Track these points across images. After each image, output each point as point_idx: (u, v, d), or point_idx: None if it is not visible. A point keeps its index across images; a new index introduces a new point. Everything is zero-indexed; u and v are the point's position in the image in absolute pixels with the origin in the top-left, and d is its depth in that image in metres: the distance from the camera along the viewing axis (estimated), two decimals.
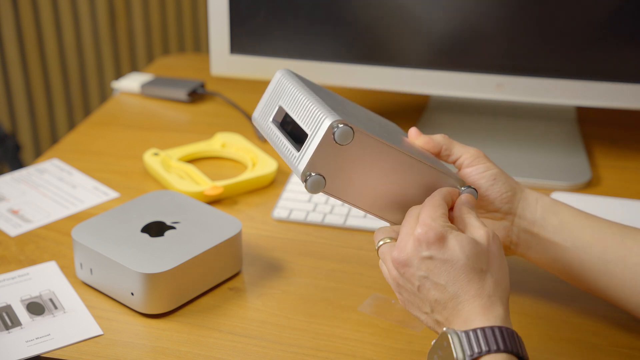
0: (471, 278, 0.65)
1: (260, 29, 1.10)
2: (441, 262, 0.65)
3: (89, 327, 0.80)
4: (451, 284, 0.65)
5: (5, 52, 1.94)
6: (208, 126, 1.20)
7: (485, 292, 0.65)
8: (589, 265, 0.76)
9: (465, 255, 0.65)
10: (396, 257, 0.68)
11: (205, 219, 0.87)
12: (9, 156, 1.83)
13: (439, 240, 0.66)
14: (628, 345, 0.78)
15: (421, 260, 0.66)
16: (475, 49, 1.07)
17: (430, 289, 0.66)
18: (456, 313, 0.65)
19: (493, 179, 0.77)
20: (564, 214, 0.77)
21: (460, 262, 0.65)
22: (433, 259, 0.66)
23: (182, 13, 2.11)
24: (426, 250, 0.66)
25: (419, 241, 0.66)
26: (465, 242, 0.66)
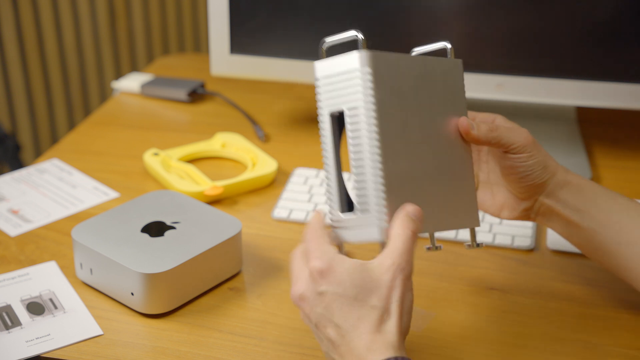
0: (360, 313, 0.62)
1: (260, 29, 1.10)
2: (334, 297, 0.63)
3: (89, 327, 0.80)
4: (342, 321, 0.63)
5: (5, 52, 1.94)
6: (208, 126, 1.20)
7: (374, 327, 0.62)
8: (602, 245, 0.78)
9: (354, 287, 0.63)
10: (294, 292, 0.66)
11: (205, 219, 0.87)
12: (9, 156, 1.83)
13: (330, 271, 0.63)
14: (628, 345, 0.78)
15: (316, 295, 0.64)
16: (475, 49, 1.07)
17: (326, 326, 0.64)
18: (349, 350, 0.63)
19: (530, 170, 0.78)
20: (587, 196, 0.78)
21: (350, 296, 0.63)
22: (326, 294, 0.63)
23: (182, 13, 2.11)
24: (320, 284, 0.64)
25: (313, 274, 0.64)
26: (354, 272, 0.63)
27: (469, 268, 0.89)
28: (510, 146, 0.77)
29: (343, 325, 0.63)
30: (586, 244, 0.80)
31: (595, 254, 0.80)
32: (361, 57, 0.67)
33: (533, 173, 0.78)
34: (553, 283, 0.86)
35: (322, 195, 1.01)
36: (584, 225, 0.78)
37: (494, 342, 0.78)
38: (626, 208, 0.78)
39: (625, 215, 0.77)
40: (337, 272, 0.63)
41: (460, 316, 0.82)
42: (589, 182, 0.80)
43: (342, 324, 0.63)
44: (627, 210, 0.78)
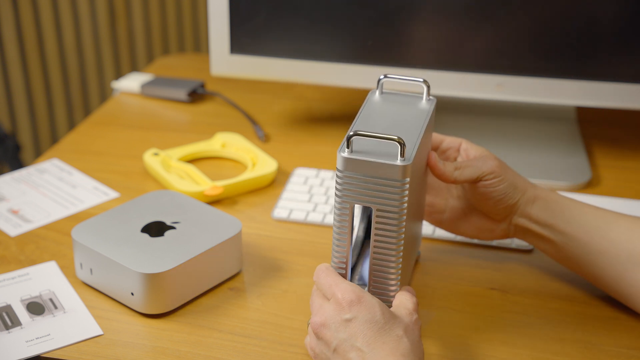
0: (386, 340, 0.66)
1: (260, 29, 1.10)
2: (361, 322, 0.67)
3: (89, 327, 0.80)
4: (367, 345, 0.66)
5: (5, 52, 1.94)
6: (208, 126, 1.20)
7: (399, 352, 0.65)
8: (574, 256, 0.81)
9: (383, 316, 0.67)
10: (315, 320, 0.69)
11: (205, 219, 0.87)
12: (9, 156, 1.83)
13: (360, 300, 0.67)
14: (628, 345, 0.78)
15: (341, 322, 0.67)
16: (475, 49, 1.07)
17: (347, 350, 0.67)
18: None
19: (503, 194, 0.80)
20: (555, 210, 0.81)
21: (379, 323, 0.67)
22: (354, 320, 0.67)
23: (182, 13, 2.11)
24: (347, 312, 0.67)
25: (340, 304, 0.68)
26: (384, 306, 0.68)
27: (469, 268, 0.89)
28: (478, 177, 0.79)
29: (366, 349, 0.66)
30: (561, 256, 0.82)
31: (571, 265, 0.83)
32: (404, 169, 0.68)
33: (506, 195, 0.80)
34: (553, 283, 0.86)
35: (322, 195, 1.01)
36: (555, 239, 0.81)
37: (494, 342, 0.78)
38: (593, 217, 0.80)
39: (592, 224, 0.80)
40: (367, 301, 0.68)
41: (460, 316, 0.82)
42: (556, 195, 0.82)
43: (365, 347, 0.66)
44: (594, 219, 0.80)
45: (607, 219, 0.80)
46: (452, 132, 1.13)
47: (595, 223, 0.80)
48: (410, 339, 0.67)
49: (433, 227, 0.93)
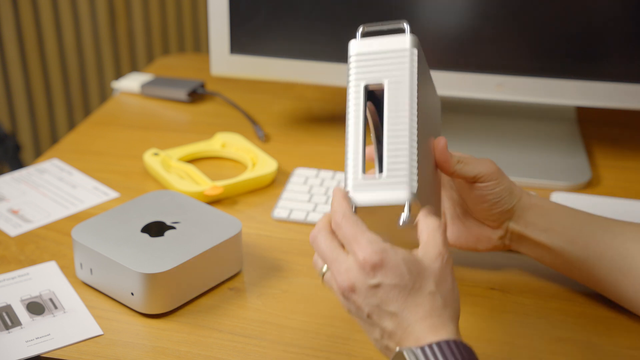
0: (419, 301, 0.63)
1: (260, 29, 1.10)
2: (390, 288, 0.63)
3: (89, 327, 0.80)
4: (401, 310, 0.63)
5: (5, 52, 1.94)
6: (208, 126, 1.20)
7: (435, 312, 0.63)
8: (572, 261, 0.81)
9: (411, 276, 0.63)
10: (341, 284, 0.65)
11: (205, 219, 0.87)
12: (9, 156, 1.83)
13: (384, 264, 0.63)
14: (628, 345, 0.78)
15: (369, 288, 0.64)
16: (475, 49, 1.07)
17: (381, 316, 0.64)
18: (407, 335, 0.64)
19: (499, 197, 0.80)
20: (550, 217, 0.81)
21: (407, 285, 0.63)
22: (381, 286, 0.63)
23: (182, 13, 2.11)
24: (373, 277, 0.63)
25: (364, 268, 0.64)
26: (409, 261, 0.64)
27: (469, 268, 0.89)
28: (476, 176, 0.79)
29: (401, 313, 0.63)
30: (557, 262, 0.82)
31: (567, 271, 0.82)
32: (412, 39, 0.71)
33: (502, 199, 0.80)
34: (553, 283, 0.86)
35: (322, 195, 1.01)
36: (552, 244, 0.81)
37: (494, 342, 0.78)
38: (589, 223, 0.81)
39: (588, 230, 0.80)
40: (392, 263, 0.63)
41: (461, 316, 0.82)
42: (551, 203, 0.83)
43: (400, 312, 0.63)
44: (590, 224, 0.80)
45: (602, 224, 0.81)
46: (452, 132, 1.13)
47: (591, 228, 0.80)
48: (443, 292, 0.64)
49: None
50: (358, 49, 0.72)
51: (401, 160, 0.68)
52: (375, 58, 0.71)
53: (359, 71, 0.71)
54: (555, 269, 0.83)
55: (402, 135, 0.69)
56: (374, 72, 0.71)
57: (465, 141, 1.12)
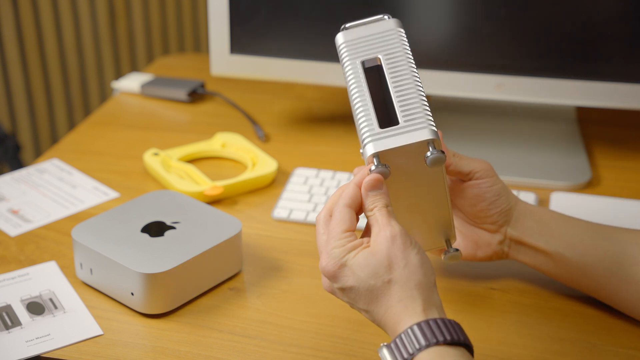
0: (379, 294, 0.65)
1: (260, 29, 1.10)
2: (349, 290, 0.67)
3: (89, 327, 0.80)
4: (368, 306, 0.66)
5: (5, 52, 1.94)
6: (208, 126, 1.20)
7: (397, 297, 0.65)
8: (570, 267, 0.80)
9: (365, 277, 0.66)
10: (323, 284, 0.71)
11: (205, 219, 0.87)
12: (9, 156, 1.83)
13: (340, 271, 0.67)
14: (628, 345, 0.78)
15: (337, 290, 0.68)
16: (475, 49, 1.07)
17: (360, 311, 0.68)
18: (384, 325, 0.66)
19: (497, 195, 0.80)
20: (548, 223, 0.81)
21: (363, 286, 0.66)
22: (345, 290, 0.67)
23: (182, 13, 2.11)
24: (336, 282, 0.67)
25: (324, 274, 0.68)
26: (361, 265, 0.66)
27: (469, 268, 0.89)
28: (471, 172, 0.79)
29: (369, 308, 0.66)
30: (556, 269, 0.82)
31: (565, 278, 0.82)
32: (397, 21, 0.74)
33: (499, 198, 0.80)
34: (553, 283, 0.86)
35: (323, 196, 1.01)
36: (550, 250, 0.80)
37: (494, 342, 0.78)
38: (586, 229, 0.81)
39: (587, 235, 0.80)
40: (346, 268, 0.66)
41: (461, 316, 0.82)
42: (547, 210, 0.83)
43: (368, 308, 0.66)
44: (588, 230, 0.80)
45: (600, 230, 0.80)
46: (451, 132, 1.13)
47: (589, 234, 0.80)
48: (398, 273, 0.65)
49: None
50: (345, 38, 0.74)
51: (414, 107, 0.70)
52: (365, 41, 0.73)
53: (351, 53, 0.73)
54: (554, 277, 0.83)
55: (410, 89, 0.70)
56: (366, 50, 0.73)
57: (465, 141, 1.12)
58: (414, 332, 0.63)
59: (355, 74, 0.72)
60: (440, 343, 0.62)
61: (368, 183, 0.69)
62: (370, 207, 0.68)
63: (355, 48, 0.73)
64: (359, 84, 0.72)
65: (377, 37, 0.73)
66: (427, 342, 0.62)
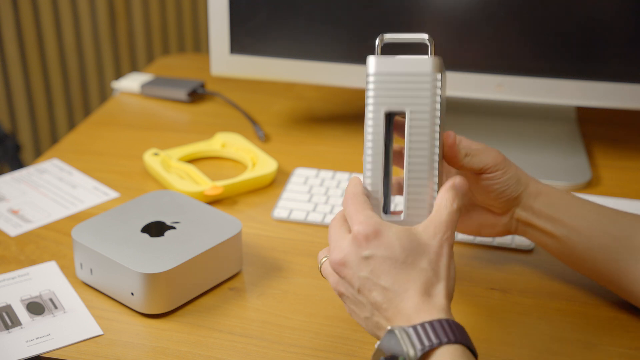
0: (410, 275, 0.63)
1: (260, 29, 1.10)
2: (381, 260, 0.63)
3: (89, 327, 0.80)
4: (391, 284, 0.63)
5: (5, 52, 1.94)
6: (208, 126, 1.20)
7: (426, 288, 0.63)
8: (576, 251, 0.80)
9: (404, 250, 0.63)
10: (334, 258, 0.66)
11: (205, 219, 0.87)
12: (9, 156, 1.83)
13: (377, 236, 0.64)
14: (628, 345, 0.78)
15: (361, 260, 0.64)
16: (475, 49, 1.07)
17: (371, 289, 0.64)
18: (397, 312, 0.63)
19: (506, 185, 0.80)
20: (557, 205, 0.81)
21: (399, 259, 0.63)
22: (373, 258, 0.64)
23: (182, 13, 2.11)
24: (365, 248, 0.64)
25: (357, 239, 0.64)
26: (403, 236, 0.64)
27: (469, 268, 0.89)
28: (483, 167, 0.79)
29: (392, 287, 0.63)
30: (561, 251, 0.82)
31: (571, 261, 0.82)
32: (435, 62, 0.66)
33: (509, 188, 0.80)
34: (553, 283, 0.86)
35: (322, 196, 1.01)
36: (557, 233, 0.80)
37: (494, 342, 0.78)
38: (596, 213, 0.80)
39: (595, 220, 0.80)
40: (385, 236, 0.64)
41: (461, 316, 0.82)
42: (559, 191, 0.82)
43: (390, 286, 0.63)
44: (597, 215, 0.80)
45: (610, 215, 0.80)
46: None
47: (598, 218, 0.80)
48: (437, 269, 0.64)
49: None
50: (377, 68, 0.67)
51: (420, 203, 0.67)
52: (396, 82, 0.67)
53: (378, 94, 0.67)
54: (559, 258, 0.83)
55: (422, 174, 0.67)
56: (395, 96, 0.67)
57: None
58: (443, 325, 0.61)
59: (375, 128, 0.68)
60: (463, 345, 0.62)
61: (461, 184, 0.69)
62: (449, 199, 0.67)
63: (384, 89, 0.67)
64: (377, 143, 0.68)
65: (410, 82, 0.66)
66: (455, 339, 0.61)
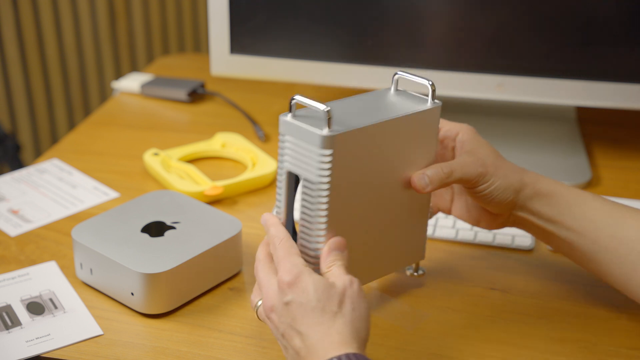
0: (320, 319, 0.65)
1: (260, 29, 1.10)
2: (297, 305, 0.66)
3: (89, 327, 0.80)
4: (306, 329, 0.65)
5: (5, 52, 1.94)
6: (208, 126, 1.20)
7: (334, 330, 0.65)
8: (580, 252, 0.79)
9: (317, 297, 0.66)
10: (265, 305, 0.69)
11: (205, 219, 0.87)
12: (9, 156, 1.83)
13: (296, 282, 0.67)
14: (628, 345, 0.78)
15: (283, 306, 0.67)
16: (475, 49, 1.07)
17: (292, 336, 0.66)
18: (310, 355, 0.65)
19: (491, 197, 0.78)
20: (559, 205, 0.79)
21: (311, 304, 0.66)
22: (291, 303, 0.66)
23: (182, 13, 2.11)
24: (286, 294, 0.67)
25: (281, 286, 0.67)
26: (318, 284, 0.67)
27: (469, 268, 0.89)
28: (467, 182, 0.78)
29: (305, 331, 0.65)
30: (564, 250, 0.80)
31: (574, 258, 0.81)
32: (323, 139, 0.68)
33: (497, 197, 0.78)
34: (553, 283, 0.86)
35: None
36: (560, 234, 0.79)
37: (494, 342, 0.78)
38: (602, 214, 0.78)
39: (601, 222, 0.77)
40: (302, 282, 0.66)
41: (461, 316, 0.82)
42: (559, 188, 0.79)
43: (304, 330, 0.65)
44: (603, 216, 0.77)
45: (616, 217, 0.77)
46: None
47: (604, 220, 0.77)
48: (347, 313, 0.66)
49: (433, 228, 0.93)
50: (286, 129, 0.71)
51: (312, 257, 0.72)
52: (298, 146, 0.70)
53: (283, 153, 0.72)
54: (561, 253, 0.81)
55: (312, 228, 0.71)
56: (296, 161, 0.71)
57: None
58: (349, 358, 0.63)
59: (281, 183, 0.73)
60: None
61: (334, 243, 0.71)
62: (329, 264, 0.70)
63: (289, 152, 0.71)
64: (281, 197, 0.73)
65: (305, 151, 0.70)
66: None
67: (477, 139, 0.80)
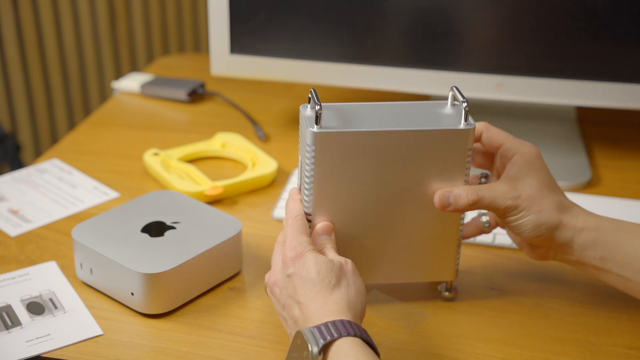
0: (319, 289, 0.69)
1: (260, 29, 1.10)
2: (298, 277, 0.70)
3: (89, 327, 0.80)
4: (305, 300, 0.69)
5: (5, 52, 1.94)
6: (208, 126, 1.20)
7: (332, 299, 0.69)
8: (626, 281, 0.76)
9: (317, 270, 0.70)
10: (268, 278, 0.75)
11: (205, 219, 0.87)
12: (9, 156, 1.83)
13: (299, 258, 0.71)
14: (628, 345, 0.78)
15: (285, 278, 0.72)
16: (475, 49, 1.07)
17: (292, 306, 0.71)
18: (307, 322, 0.69)
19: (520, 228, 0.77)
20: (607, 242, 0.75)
21: (311, 276, 0.70)
22: (293, 275, 0.71)
23: (182, 13, 2.11)
24: (289, 267, 0.71)
25: (285, 261, 0.72)
26: (319, 260, 0.71)
27: (469, 268, 0.89)
28: (495, 211, 0.77)
29: (304, 301, 0.69)
30: (618, 284, 0.77)
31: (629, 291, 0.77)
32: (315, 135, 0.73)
33: (526, 231, 0.76)
34: (553, 283, 0.86)
35: None
36: (613, 271, 0.76)
37: (494, 342, 0.78)
38: None
39: None
40: (304, 258, 0.71)
41: (460, 316, 0.82)
42: (604, 224, 0.76)
43: (303, 300, 0.69)
44: None
45: None
46: None
47: None
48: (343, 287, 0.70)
49: None
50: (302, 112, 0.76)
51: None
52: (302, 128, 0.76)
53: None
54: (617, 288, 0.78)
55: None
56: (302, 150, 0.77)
57: None
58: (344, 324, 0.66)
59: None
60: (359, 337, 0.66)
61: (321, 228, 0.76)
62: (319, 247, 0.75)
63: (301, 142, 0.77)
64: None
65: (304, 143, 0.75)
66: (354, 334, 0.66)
67: (530, 166, 0.77)
